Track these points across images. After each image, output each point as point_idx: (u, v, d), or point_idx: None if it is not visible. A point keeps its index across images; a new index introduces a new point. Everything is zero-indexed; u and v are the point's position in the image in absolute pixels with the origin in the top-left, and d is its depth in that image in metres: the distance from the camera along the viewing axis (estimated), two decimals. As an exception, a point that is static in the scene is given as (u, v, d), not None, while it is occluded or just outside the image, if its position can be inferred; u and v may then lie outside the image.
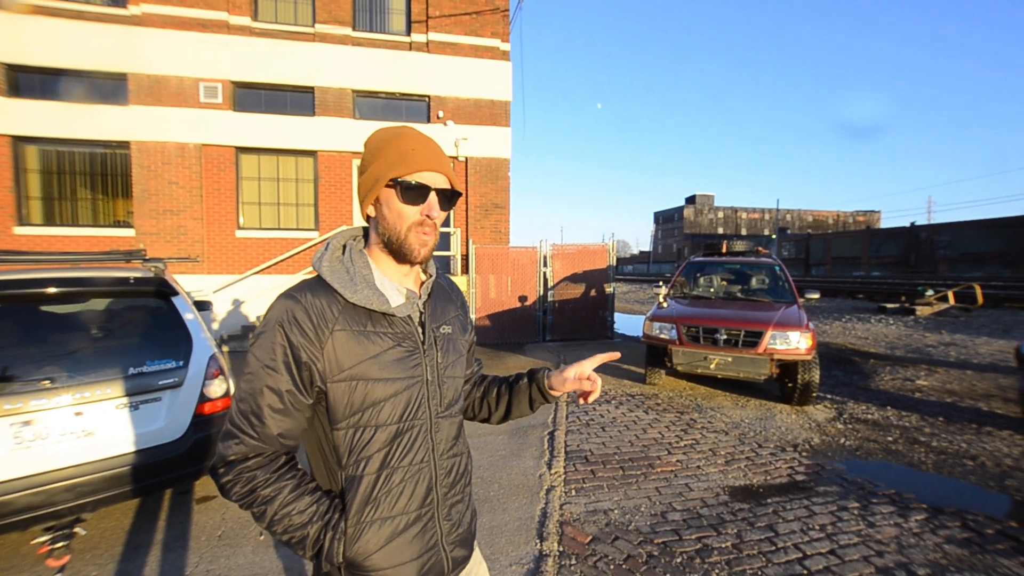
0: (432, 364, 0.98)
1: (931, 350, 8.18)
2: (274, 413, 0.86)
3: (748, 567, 2.51)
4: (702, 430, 4.54)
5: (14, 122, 8.22)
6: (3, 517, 2.22)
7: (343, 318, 0.90)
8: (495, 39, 10.20)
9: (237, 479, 0.86)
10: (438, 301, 1.06)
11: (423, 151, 0.92)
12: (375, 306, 0.91)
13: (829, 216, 67.78)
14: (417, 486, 0.95)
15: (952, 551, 2.65)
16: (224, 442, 0.87)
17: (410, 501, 0.95)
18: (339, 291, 0.91)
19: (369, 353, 0.90)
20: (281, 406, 0.87)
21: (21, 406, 2.33)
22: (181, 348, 2.83)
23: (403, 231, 0.93)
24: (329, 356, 0.88)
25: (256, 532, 2.83)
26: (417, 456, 0.96)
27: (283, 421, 0.87)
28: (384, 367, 0.91)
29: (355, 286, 0.91)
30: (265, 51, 9.09)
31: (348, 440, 0.90)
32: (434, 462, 0.98)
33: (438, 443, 0.99)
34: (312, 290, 0.91)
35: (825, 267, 31.89)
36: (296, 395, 0.87)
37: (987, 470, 3.70)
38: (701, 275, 7.25)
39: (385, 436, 0.92)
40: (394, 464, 0.93)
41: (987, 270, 21.33)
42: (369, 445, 0.91)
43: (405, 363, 0.94)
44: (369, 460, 0.91)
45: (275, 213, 9.56)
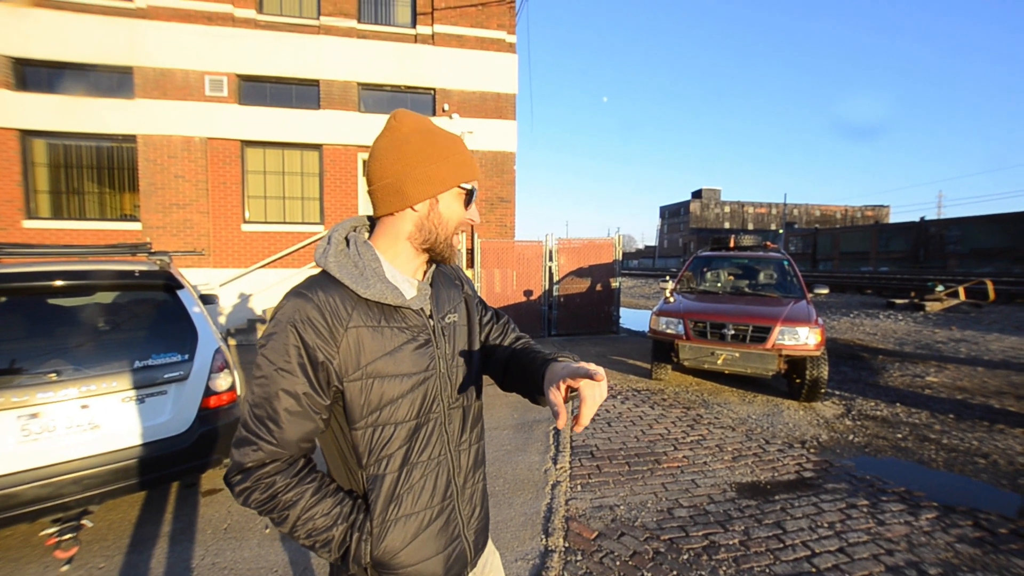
0: (444, 356, 0.97)
1: (941, 346, 8.09)
2: (292, 417, 0.84)
3: (756, 564, 2.49)
4: (709, 426, 4.51)
5: (21, 116, 8.25)
6: (11, 509, 2.23)
7: (357, 314, 0.87)
8: (501, 31, 10.10)
9: (256, 486, 0.84)
10: (441, 288, 1.04)
11: (473, 160, 0.97)
12: (389, 300, 0.89)
13: (837, 211, 67.10)
14: (437, 479, 0.95)
15: (964, 550, 2.61)
16: (239, 449, 0.85)
17: (432, 495, 0.95)
18: (350, 286, 0.87)
19: (385, 349, 0.88)
20: (299, 409, 0.84)
21: (28, 399, 2.33)
22: (186, 341, 2.82)
23: (452, 231, 0.96)
24: (345, 354, 0.85)
25: (262, 525, 2.84)
26: (435, 450, 0.95)
27: (302, 424, 0.85)
28: (400, 362, 0.90)
29: (367, 280, 0.88)
30: (270, 44, 9.05)
31: (368, 439, 0.88)
32: (450, 454, 0.98)
33: (452, 434, 0.99)
34: (323, 287, 0.87)
35: (832, 262, 31.59)
36: (314, 397, 0.84)
37: (999, 468, 3.65)
38: (708, 270, 7.19)
39: (405, 433, 0.91)
40: (414, 460, 0.92)
41: (997, 266, 21.03)
42: (390, 443, 0.89)
43: (421, 357, 0.92)
44: (391, 458, 0.90)
45: (280, 207, 9.56)
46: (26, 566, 2.45)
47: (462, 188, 0.95)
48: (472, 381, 1.04)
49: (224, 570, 2.44)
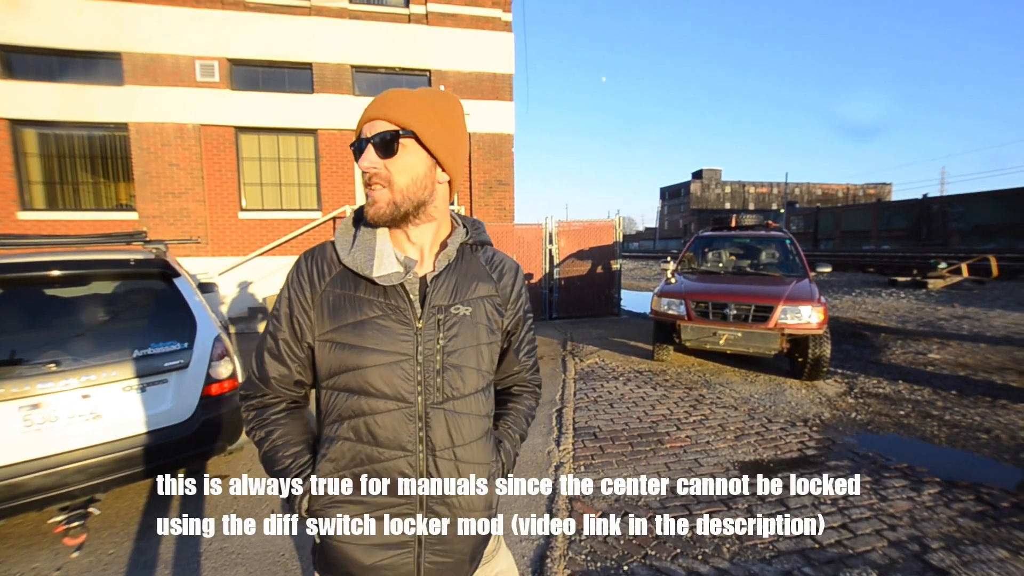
0: (429, 344, 0.88)
1: (943, 323, 8.07)
2: (270, 358, 0.93)
3: (759, 541, 2.50)
4: (711, 406, 4.52)
5: (11, 105, 8.10)
6: (17, 498, 2.24)
7: (337, 279, 0.90)
8: (496, 9, 9.85)
9: (246, 411, 0.97)
10: (462, 277, 0.94)
11: (371, 106, 0.86)
12: (359, 269, 0.88)
13: (839, 189, 66.55)
14: (391, 472, 0.87)
15: (966, 524, 2.62)
16: (246, 376, 0.98)
17: (376, 487, 0.88)
18: (339, 252, 0.91)
19: (353, 318, 0.88)
20: (277, 352, 0.93)
21: (29, 389, 2.32)
22: (185, 330, 2.81)
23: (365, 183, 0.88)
24: (318, 314, 0.89)
25: (268, 510, 2.86)
26: (398, 439, 0.87)
27: (277, 367, 0.93)
28: (364, 336, 0.86)
29: (350, 248, 0.91)
30: (261, 27, 8.84)
31: (326, 400, 0.91)
32: (420, 456, 0.88)
33: (435, 439, 0.88)
34: (323, 250, 0.94)
35: (834, 241, 31.49)
36: (290, 345, 0.92)
37: (1002, 443, 3.66)
38: (710, 250, 7.13)
39: (361, 407, 0.86)
40: (366, 439, 0.87)
41: (1000, 242, 20.92)
42: (342, 410, 0.88)
43: (390, 336, 0.87)
44: (340, 425, 0.89)
45: (277, 193, 9.46)
46: (37, 552, 2.47)
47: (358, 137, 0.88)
48: (474, 388, 0.93)
49: (232, 555, 2.47)
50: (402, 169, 0.85)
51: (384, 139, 0.83)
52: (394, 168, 0.84)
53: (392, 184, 0.85)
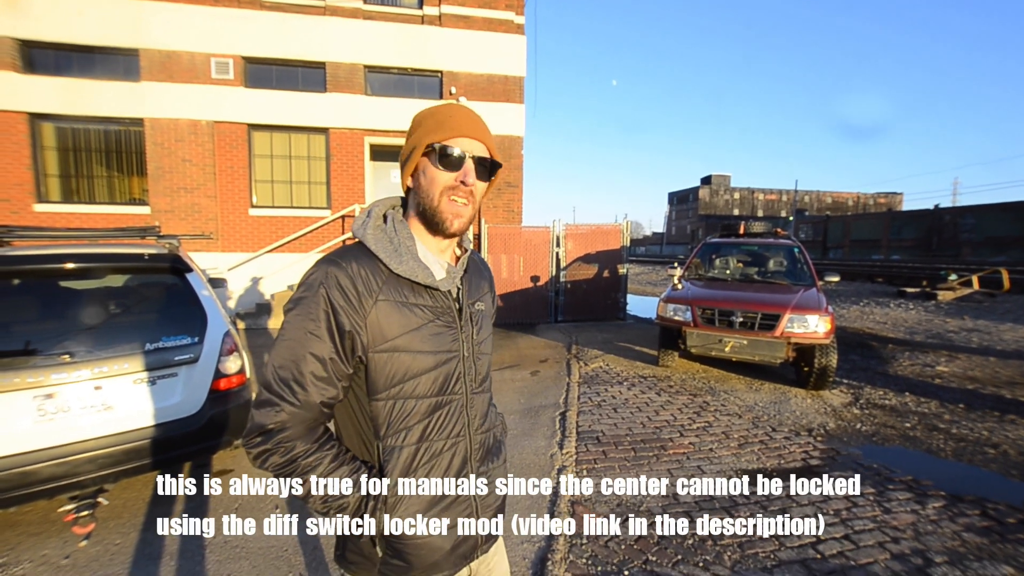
0: (468, 339, 0.99)
1: (952, 336, 7.99)
2: (317, 381, 0.85)
3: (760, 550, 2.50)
4: (715, 413, 4.51)
5: (30, 99, 8.24)
6: (29, 486, 2.28)
7: (387, 288, 0.90)
8: (509, 11, 9.90)
9: (276, 449, 0.85)
10: (473, 277, 1.07)
11: (461, 118, 0.92)
12: (420, 278, 0.91)
13: (849, 198, 65.94)
14: (453, 459, 0.97)
15: (971, 539, 2.60)
16: (260, 410, 0.85)
17: (447, 473, 0.96)
18: (384, 261, 0.90)
19: (411, 325, 0.90)
20: (324, 374, 0.85)
21: (43, 379, 2.37)
22: (196, 324, 2.85)
23: (436, 197, 0.91)
24: (373, 326, 0.87)
25: (272, 504, 2.89)
26: (454, 430, 0.97)
27: (326, 389, 0.86)
28: (425, 340, 0.92)
29: (400, 256, 0.91)
30: (275, 26, 8.94)
31: (388, 411, 0.90)
32: (469, 437, 1.01)
33: (473, 418, 1.01)
34: (356, 258, 0.90)
35: (843, 250, 31.19)
36: (338, 363, 0.86)
37: (1009, 458, 3.63)
38: (717, 256, 7.11)
39: (425, 408, 0.93)
40: (432, 437, 0.94)
41: (1012, 255, 20.63)
42: (409, 417, 0.91)
43: (444, 337, 0.95)
44: (409, 431, 0.92)
45: (288, 191, 9.55)
46: (46, 540, 2.52)
47: (431, 148, 0.90)
48: (489, 371, 1.09)
49: (236, 548, 2.50)
50: (482, 192, 0.97)
51: (490, 165, 0.95)
52: (478, 190, 0.95)
53: (474, 203, 0.95)
